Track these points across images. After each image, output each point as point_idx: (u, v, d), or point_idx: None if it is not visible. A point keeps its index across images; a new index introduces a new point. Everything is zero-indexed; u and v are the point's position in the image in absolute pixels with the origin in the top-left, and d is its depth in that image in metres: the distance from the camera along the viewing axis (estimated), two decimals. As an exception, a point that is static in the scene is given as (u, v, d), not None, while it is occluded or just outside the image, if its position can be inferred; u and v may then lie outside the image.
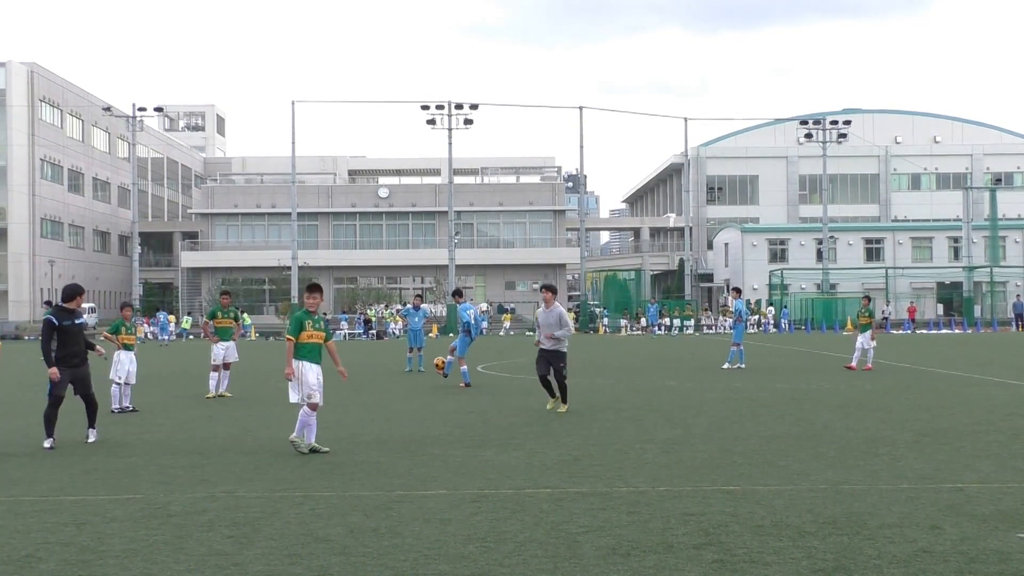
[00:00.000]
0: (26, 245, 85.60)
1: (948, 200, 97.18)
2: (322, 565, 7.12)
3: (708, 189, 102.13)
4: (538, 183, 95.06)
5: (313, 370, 12.54)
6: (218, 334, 20.87)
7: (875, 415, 15.83)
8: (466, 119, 72.28)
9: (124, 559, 7.35)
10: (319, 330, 12.65)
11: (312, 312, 12.73)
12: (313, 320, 12.65)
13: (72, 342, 13.20)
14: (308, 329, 12.53)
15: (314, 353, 12.60)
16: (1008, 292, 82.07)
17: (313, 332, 12.57)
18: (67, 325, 13.19)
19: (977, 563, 6.98)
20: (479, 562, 7.15)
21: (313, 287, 12.96)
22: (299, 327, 12.52)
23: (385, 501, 9.37)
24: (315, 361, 12.59)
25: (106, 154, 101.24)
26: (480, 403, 18.80)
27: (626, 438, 13.63)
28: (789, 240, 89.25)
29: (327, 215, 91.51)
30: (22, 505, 9.41)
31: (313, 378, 12.49)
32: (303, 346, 12.52)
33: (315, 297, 12.76)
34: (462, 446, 12.98)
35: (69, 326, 13.20)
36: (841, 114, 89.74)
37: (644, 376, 25.99)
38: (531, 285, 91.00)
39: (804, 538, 7.73)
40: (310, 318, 12.64)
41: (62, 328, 13.16)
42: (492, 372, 27.98)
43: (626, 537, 7.83)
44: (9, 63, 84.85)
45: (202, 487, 10.24)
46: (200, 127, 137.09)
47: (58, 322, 13.13)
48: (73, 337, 13.23)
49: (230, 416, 17.14)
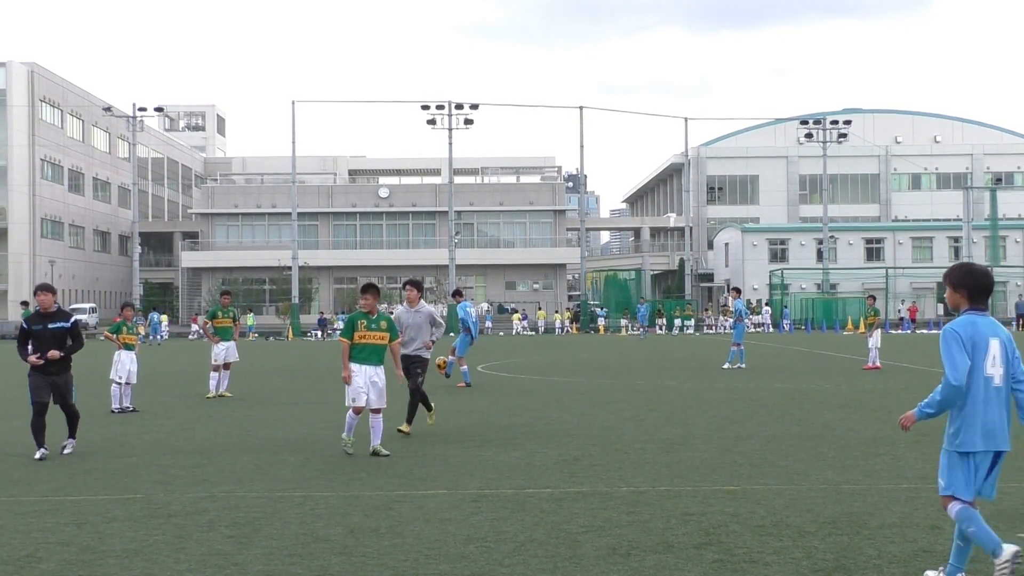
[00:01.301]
0: (26, 245, 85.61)
1: (948, 200, 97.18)
2: (322, 565, 7.12)
3: (708, 189, 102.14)
4: (538, 183, 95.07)
5: (363, 372, 12.14)
6: (218, 334, 20.78)
7: (875, 415, 15.83)
8: (466, 119, 72.32)
9: (124, 559, 7.35)
10: (376, 331, 12.25)
11: (369, 312, 12.33)
12: (369, 321, 12.25)
13: (46, 348, 12.23)
14: (361, 330, 12.17)
15: (365, 354, 12.15)
16: (1008, 292, 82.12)
17: (367, 333, 12.18)
18: (38, 330, 12.30)
19: (977, 563, 6.97)
20: (479, 562, 7.15)
21: (367, 287, 12.61)
22: (352, 328, 12.22)
23: (385, 501, 9.37)
24: (367, 363, 12.15)
25: (106, 154, 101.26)
26: (480, 403, 18.80)
27: (626, 438, 13.63)
28: (789, 240, 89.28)
29: (327, 215, 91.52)
30: (22, 505, 9.41)
31: (361, 381, 12.11)
32: (354, 347, 12.18)
33: (367, 298, 12.42)
34: (462, 446, 12.98)
35: (40, 331, 12.29)
36: (841, 114, 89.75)
37: (644, 376, 25.99)
38: (532, 285, 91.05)
39: (804, 538, 7.74)
40: (365, 318, 12.26)
41: (33, 333, 12.32)
42: (492, 372, 27.98)
43: (626, 537, 7.83)
44: (9, 63, 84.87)
45: (202, 487, 10.24)
46: (200, 127, 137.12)
47: (27, 326, 12.35)
48: (45, 343, 12.24)
49: (230, 416, 17.14)
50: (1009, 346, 6.37)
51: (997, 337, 6.34)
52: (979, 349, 6.27)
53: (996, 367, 6.30)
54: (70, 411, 12.85)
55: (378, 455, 12.04)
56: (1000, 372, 6.31)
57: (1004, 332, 6.40)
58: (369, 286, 12.64)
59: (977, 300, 6.46)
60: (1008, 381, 6.34)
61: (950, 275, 6.66)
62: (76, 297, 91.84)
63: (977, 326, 6.34)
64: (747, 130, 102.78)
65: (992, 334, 6.33)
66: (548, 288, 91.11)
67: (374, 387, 12.13)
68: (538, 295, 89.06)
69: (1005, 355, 6.32)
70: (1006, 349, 6.35)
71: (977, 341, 6.27)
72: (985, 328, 6.34)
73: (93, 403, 19.54)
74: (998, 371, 6.31)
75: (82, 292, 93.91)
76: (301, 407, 18.67)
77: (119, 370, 17.86)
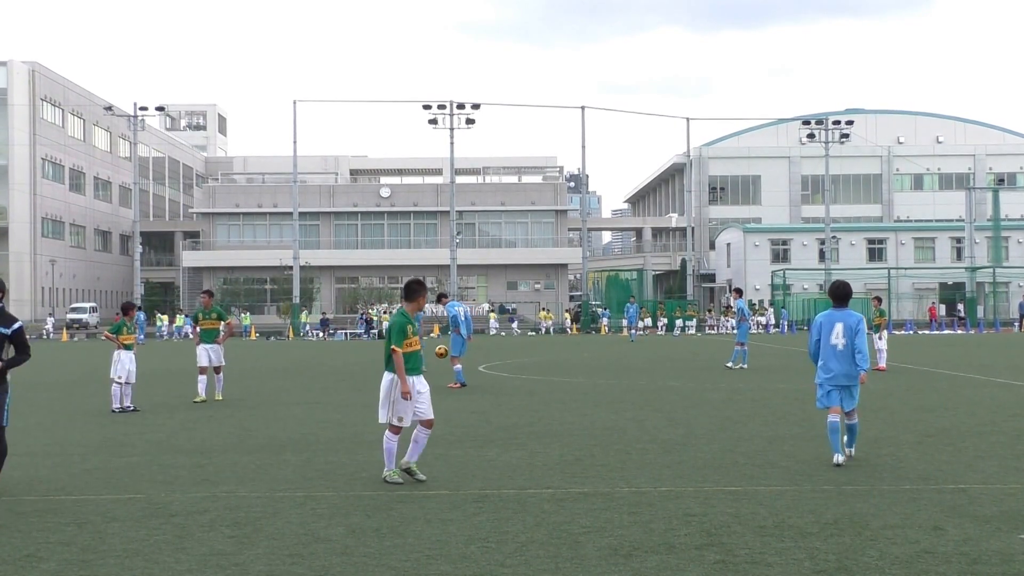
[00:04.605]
0: (27, 244, 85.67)
1: (951, 200, 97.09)
2: (323, 565, 7.11)
3: (710, 189, 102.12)
4: (540, 183, 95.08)
5: (411, 385, 10.57)
6: (202, 336, 19.65)
7: (878, 416, 15.80)
8: (468, 119, 72.28)
9: (125, 559, 7.34)
10: (416, 335, 10.73)
11: (412, 315, 10.85)
12: (414, 326, 10.76)
13: None
14: (410, 336, 10.58)
15: (412, 364, 10.56)
16: (1012, 293, 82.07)
17: (413, 339, 10.62)
18: None
19: (979, 564, 6.96)
20: (481, 562, 7.14)
21: (420, 286, 11.01)
22: (403, 335, 10.46)
23: (386, 501, 9.36)
24: (413, 372, 10.54)
25: (107, 153, 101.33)
26: (481, 403, 18.78)
27: (628, 438, 13.61)
28: (791, 240, 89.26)
29: (329, 215, 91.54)
30: (22, 505, 9.39)
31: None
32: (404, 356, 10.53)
33: (422, 299, 10.95)
34: (463, 446, 12.96)
35: None
36: (843, 114, 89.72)
37: (646, 376, 25.97)
38: (533, 285, 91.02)
39: (806, 539, 7.72)
40: (411, 323, 10.69)
41: None
42: (492, 372, 27.97)
43: (628, 538, 7.81)
44: (11, 62, 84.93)
45: (203, 487, 10.22)
46: (202, 126, 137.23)
47: None
48: None
49: (231, 416, 17.13)
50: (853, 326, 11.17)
51: (843, 322, 11.20)
52: (825, 328, 11.26)
53: (839, 339, 11.13)
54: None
55: (412, 475, 10.49)
56: (843, 342, 11.12)
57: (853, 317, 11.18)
58: (420, 284, 11.07)
59: (838, 303, 11.39)
60: (850, 347, 11.11)
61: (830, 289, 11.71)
62: (77, 296, 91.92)
63: (831, 316, 11.32)
64: (749, 130, 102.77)
65: (839, 320, 11.23)
66: (550, 288, 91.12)
67: (422, 398, 10.58)
68: (540, 295, 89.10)
69: (848, 332, 11.12)
70: (849, 328, 11.14)
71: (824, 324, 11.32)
72: (835, 316, 11.28)
73: (93, 403, 19.57)
74: (841, 341, 11.13)
75: (83, 292, 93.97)
76: (302, 407, 18.66)
77: (119, 370, 17.85)
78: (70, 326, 75.84)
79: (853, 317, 11.10)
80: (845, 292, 11.33)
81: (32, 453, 12.63)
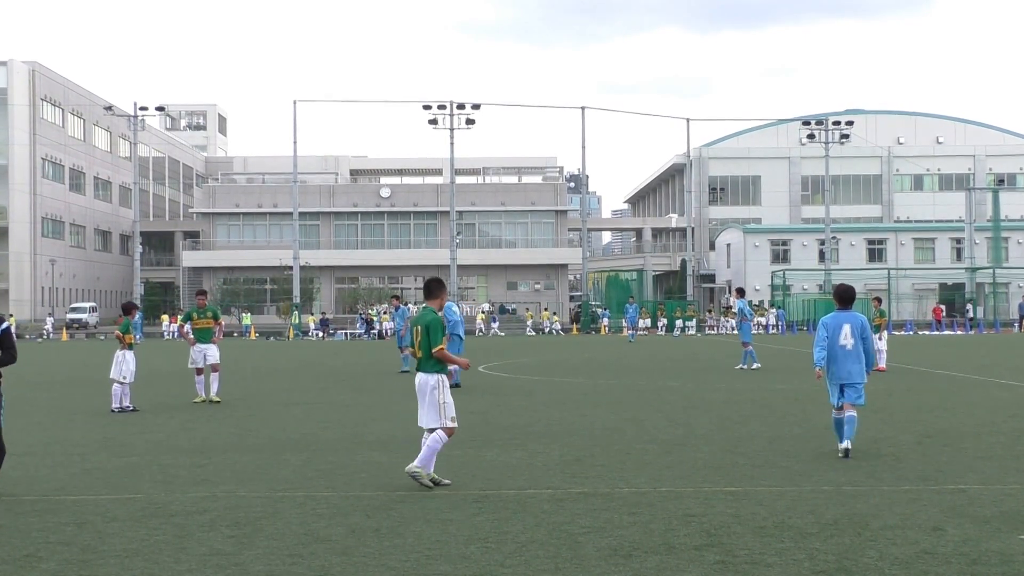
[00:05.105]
0: (27, 244, 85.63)
1: (951, 201, 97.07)
2: (323, 565, 7.11)
3: (710, 190, 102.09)
4: (540, 183, 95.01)
5: None
6: (196, 336, 19.68)
7: (877, 416, 15.80)
8: (468, 119, 72.31)
9: (125, 559, 7.34)
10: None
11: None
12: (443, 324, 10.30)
13: None
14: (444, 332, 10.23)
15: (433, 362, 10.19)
16: (1012, 293, 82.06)
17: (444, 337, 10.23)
18: None
19: (979, 565, 6.96)
20: (480, 563, 7.14)
21: (437, 284, 10.58)
22: (443, 331, 10.17)
23: (386, 501, 9.36)
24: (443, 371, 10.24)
25: (107, 153, 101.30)
26: (481, 404, 18.79)
27: (628, 439, 13.61)
28: (791, 241, 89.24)
29: (329, 215, 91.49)
30: (22, 505, 9.39)
31: (450, 394, 10.26)
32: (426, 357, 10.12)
33: (440, 299, 10.52)
34: (463, 446, 12.96)
35: None
36: (843, 115, 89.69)
37: (646, 376, 25.97)
38: (533, 286, 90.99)
39: (806, 539, 7.72)
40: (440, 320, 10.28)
41: None
42: (492, 372, 27.97)
43: (628, 538, 7.81)
44: (11, 62, 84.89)
45: (203, 487, 10.22)
46: (202, 126, 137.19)
47: None
48: None
49: (231, 416, 17.13)
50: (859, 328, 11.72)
51: (849, 323, 11.70)
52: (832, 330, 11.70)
53: (848, 339, 11.62)
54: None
55: (418, 479, 10.03)
56: (851, 342, 11.62)
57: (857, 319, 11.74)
58: (440, 282, 10.66)
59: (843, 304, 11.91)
60: (858, 346, 11.65)
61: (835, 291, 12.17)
62: (77, 296, 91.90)
63: (837, 317, 11.83)
64: (749, 131, 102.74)
65: (845, 321, 11.73)
66: (550, 288, 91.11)
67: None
68: (540, 295, 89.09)
69: (855, 333, 11.65)
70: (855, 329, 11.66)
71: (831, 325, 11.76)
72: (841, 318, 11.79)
73: (93, 403, 19.57)
74: (849, 341, 11.62)
75: (83, 291, 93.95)
76: (302, 407, 18.66)
77: (123, 369, 17.84)
78: (70, 326, 75.89)
79: (858, 319, 11.74)
80: (850, 295, 11.92)
81: (32, 453, 12.63)
